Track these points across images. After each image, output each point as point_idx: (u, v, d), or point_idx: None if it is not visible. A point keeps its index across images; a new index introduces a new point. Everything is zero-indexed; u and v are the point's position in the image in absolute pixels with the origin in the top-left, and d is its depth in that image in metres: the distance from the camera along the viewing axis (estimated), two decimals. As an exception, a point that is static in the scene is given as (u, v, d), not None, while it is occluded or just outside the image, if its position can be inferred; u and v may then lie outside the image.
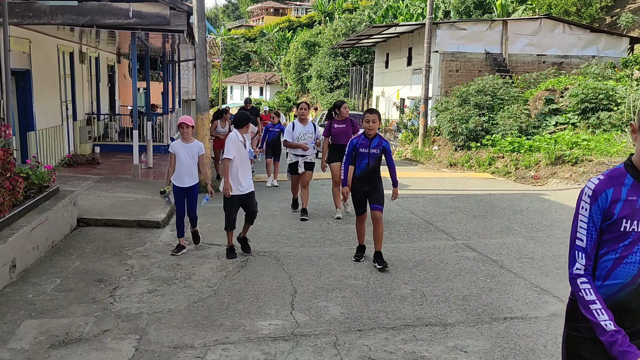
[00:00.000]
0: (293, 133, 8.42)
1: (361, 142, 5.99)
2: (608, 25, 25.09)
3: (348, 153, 6.10)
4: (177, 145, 6.41)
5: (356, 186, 6.09)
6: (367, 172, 6.00)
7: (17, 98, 10.49)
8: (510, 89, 17.58)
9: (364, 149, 5.97)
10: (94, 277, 5.52)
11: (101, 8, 9.46)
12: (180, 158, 6.33)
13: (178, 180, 6.40)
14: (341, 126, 8.21)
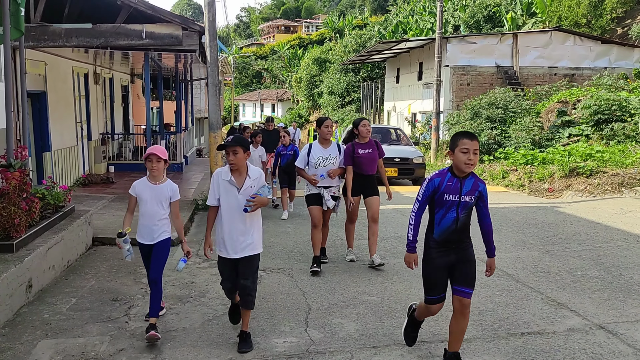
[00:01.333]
0: (309, 158, 6.51)
1: (447, 183, 3.82)
2: (619, 36, 24.99)
3: (423, 198, 3.90)
4: (142, 185, 4.66)
5: (435, 255, 3.96)
6: (454, 232, 3.90)
7: (33, 119, 10.66)
8: (522, 102, 17.53)
9: (452, 195, 3.81)
10: (109, 296, 5.54)
11: (115, 30, 9.63)
12: (145, 204, 4.64)
13: (141, 235, 4.74)
14: (366, 151, 6.54)
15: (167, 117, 19.62)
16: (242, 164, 4.28)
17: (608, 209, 10.17)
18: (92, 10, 10.40)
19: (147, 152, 4.60)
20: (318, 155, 6.48)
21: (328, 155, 6.52)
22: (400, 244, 7.79)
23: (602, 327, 4.76)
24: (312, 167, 6.50)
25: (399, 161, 14.49)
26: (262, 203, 4.27)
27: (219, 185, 4.33)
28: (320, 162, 6.47)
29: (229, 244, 4.34)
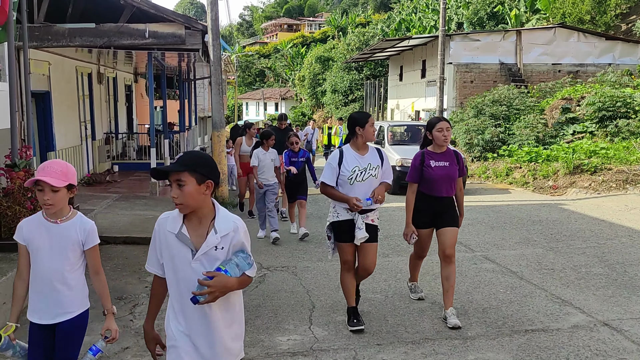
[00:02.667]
0: (341, 170, 4.53)
1: None
2: (623, 32, 24.88)
3: None
4: (33, 226, 2.91)
5: None
6: None
7: (38, 119, 10.70)
8: (526, 99, 17.48)
9: None
10: (113, 295, 5.56)
11: (118, 29, 9.64)
12: (40, 256, 2.89)
13: (34, 310, 3.01)
14: (442, 164, 4.81)
15: (170, 116, 19.65)
16: (195, 203, 2.31)
17: (612, 206, 10.14)
18: (95, 9, 10.41)
19: (37, 173, 2.79)
20: (353, 166, 4.51)
21: (367, 165, 4.53)
22: (403, 241, 7.78)
23: (607, 324, 4.76)
24: (346, 183, 4.49)
25: None
26: (224, 288, 2.29)
27: (161, 243, 2.43)
28: (358, 175, 4.50)
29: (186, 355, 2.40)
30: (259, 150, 8.04)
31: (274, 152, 8.07)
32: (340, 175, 4.51)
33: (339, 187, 4.54)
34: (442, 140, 4.79)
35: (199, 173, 2.28)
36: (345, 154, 4.58)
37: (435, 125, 4.83)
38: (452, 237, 4.82)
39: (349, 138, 4.65)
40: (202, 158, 2.36)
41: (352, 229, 4.48)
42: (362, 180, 4.49)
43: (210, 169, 2.34)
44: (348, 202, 4.42)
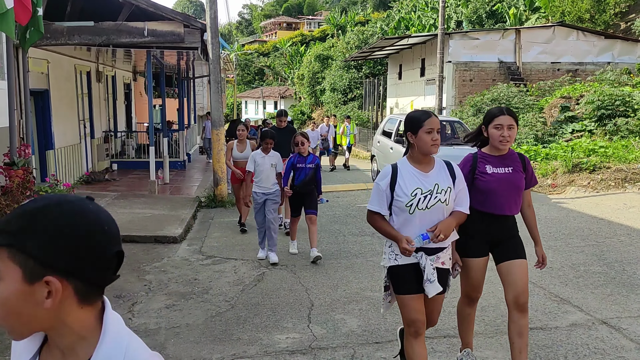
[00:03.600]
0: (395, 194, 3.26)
1: None
2: (623, 31, 24.89)
3: None
4: None
5: None
6: None
7: (36, 117, 10.69)
8: (525, 98, 17.50)
9: None
10: (112, 293, 5.57)
11: (117, 27, 9.64)
12: None
13: None
14: (502, 170, 3.59)
15: (169, 115, 19.64)
16: (27, 323, 1.06)
17: (611, 204, 10.15)
18: (94, 8, 10.41)
19: None
20: (414, 188, 3.19)
21: (433, 187, 3.21)
22: (402, 240, 7.80)
23: (605, 322, 4.76)
24: (403, 212, 3.21)
25: None
26: None
27: None
28: (420, 200, 3.18)
29: None
30: (257, 153, 6.78)
31: (276, 156, 6.78)
32: (395, 200, 3.18)
33: (394, 217, 3.23)
34: (498, 140, 3.47)
35: (28, 255, 1.02)
36: (402, 170, 3.22)
37: (493, 119, 3.48)
38: (524, 276, 3.67)
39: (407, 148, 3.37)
40: (46, 219, 1.04)
41: (419, 276, 3.20)
42: (427, 208, 3.14)
43: (60, 241, 1.03)
44: (397, 242, 3.15)
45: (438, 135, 3.17)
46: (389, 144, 12.67)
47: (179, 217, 8.91)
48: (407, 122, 3.25)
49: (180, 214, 9.12)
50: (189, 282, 5.95)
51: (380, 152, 13.36)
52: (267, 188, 6.74)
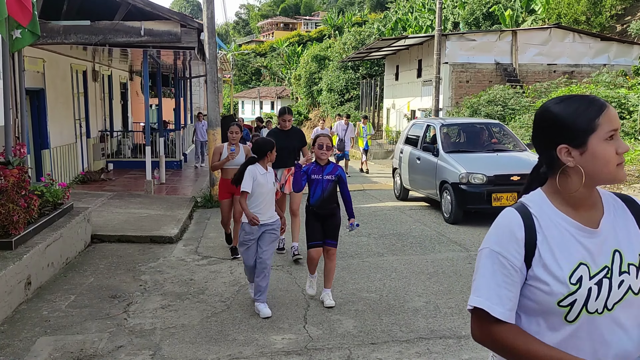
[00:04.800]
0: (533, 275, 1.49)
1: None
2: (618, 33, 24.98)
3: None
4: None
5: None
6: None
7: (32, 117, 10.65)
8: (522, 99, 17.54)
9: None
10: (108, 293, 5.55)
11: (113, 27, 9.61)
12: None
13: None
14: None
15: (166, 115, 19.61)
16: None
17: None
18: (91, 7, 10.38)
19: None
20: (574, 263, 1.50)
21: (612, 258, 1.52)
22: (398, 241, 7.80)
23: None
24: (552, 317, 1.50)
25: (519, 180, 8.38)
26: None
27: None
28: (593, 294, 1.48)
29: None
30: (256, 169, 4.94)
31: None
32: (535, 288, 1.51)
33: (524, 325, 1.56)
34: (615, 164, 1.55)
35: None
36: (543, 221, 1.56)
37: (599, 116, 1.53)
38: None
39: (536, 174, 1.69)
40: None
41: None
42: (606, 309, 1.49)
43: None
44: None
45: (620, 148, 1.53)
46: (415, 153, 10.47)
47: (175, 217, 8.90)
48: (552, 123, 1.56)
49: (176, 214, 9.10)
50: (185, 283, 5.94)
51: (404, 164, 10.98)
52: (267, 218, 4.94)
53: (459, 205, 8.72)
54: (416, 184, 10.50)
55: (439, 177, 9.34)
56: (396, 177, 11.62)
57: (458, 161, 9.09)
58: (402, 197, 11.29)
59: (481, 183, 8.64)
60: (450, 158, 9.28)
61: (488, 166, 8.90)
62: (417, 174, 10.39)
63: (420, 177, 10.26)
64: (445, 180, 9.07)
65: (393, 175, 11.93)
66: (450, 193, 8.82)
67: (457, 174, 8.78)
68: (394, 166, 11.84)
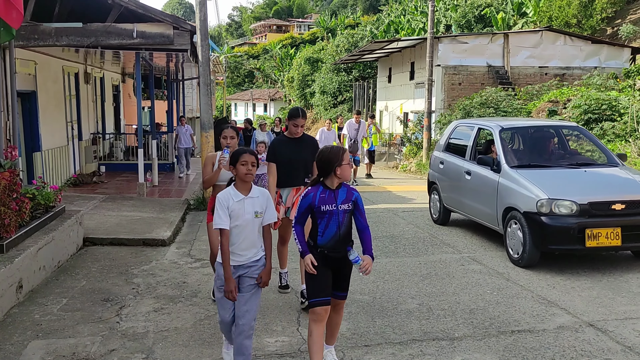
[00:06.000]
0: None
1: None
2: (609, 36, 25.17)
3: None
4: None
5: None
6: None
7: (23, 119, 10.59)
8: (513, 101, 17.62)
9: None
10: (100, 297, 5.52)
11: (105, 29, 9.58)
12: None
13: None
14: None
15: (158, 117, 19.55)
16: None
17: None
18: (83, 9, 10.33)
19: None
20: None
21: None
22: (391, 243, 7.82)
23: (592, 324, 4.81)
24: None
25: (624, 210, 6.32)
26: None
27: None
28: None
29: None
30: (229, 194, 3.68)
31: (263, 196, 3.78)
32: None
33: None
34: None
35: None
36: None
37: None
38: None
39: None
40: None
41: None
42: None
43: None
44: None
45: None
46: (462, 166, 8.24)
47: (168, 219, 8.87)
48: None
49: (169, 217, 9.07)
50: (178, 286, 5.92)
51: (445, 177, 8.85)
52: (244, 257, 3.70)
53: (536, 243, 6.29)
54: (464, 206, 8.16)
55: (503, 201, 6.92)
56: (433, 194, 9.31)
57: (533, 180, 6.64)
58: (443, 221, 8.93)
59: (570, 213, 6.20)
60: (520, 176, 6.82)
61: (578, 189, 6.49)
62: (467, 194, 8.04)
63: (472, 198, 7.88)
64: (513, 207, 6.66)
65: (429, 192, 9.56)
66: (522, 226, 6.42)
67: (534, 199, 6.36)
68: (430, 179, 9.54)
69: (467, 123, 9.06)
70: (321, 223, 3.73)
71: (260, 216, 3.72)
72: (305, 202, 3.73)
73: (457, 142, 8.90)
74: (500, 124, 7.95)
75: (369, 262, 3.73)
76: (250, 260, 3.71)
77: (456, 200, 8.44)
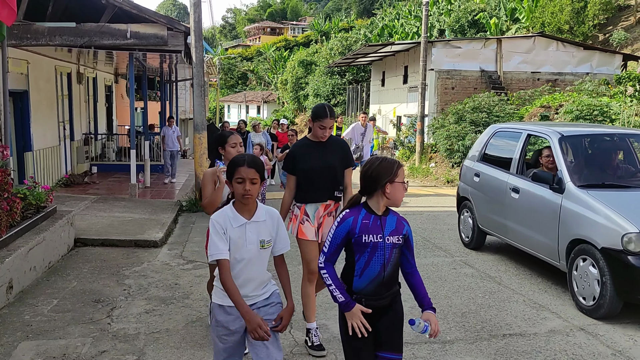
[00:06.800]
0: None
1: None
2: (601, 42, 25.38)
3: None
4: None
5: None
6: None
7: (15, 119, 10.52)
8: (506, 106, 17.71)
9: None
10: (91, 298, 5.49)
11: (99, 29, 9.55)
12: None
13: None
14: None
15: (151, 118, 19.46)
16: None
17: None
18: (76, 9, 10.30)
19: None
20: None
21: None
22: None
23: (583, 329, 4.83)
24: None
25: None
26: None
27: None
28: None
29: None
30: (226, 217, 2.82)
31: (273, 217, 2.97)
32: None
33: None
34: None
35: None
36: None
37: None
38: None
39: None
40: None
41: None
42: None
43: None
44: None
45: None
46: (507, 181, 6.72)
47: (160, 221, 8.83)
48: None
49: (161, 218, 9.04)
50: (170, 287, 5.89)
51: (482, 193, 7.37)
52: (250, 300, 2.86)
53: (620, 291, 4.90)
54: (508, 231, 6.67)
55: (568, 231, 5.53)
56: (464, 213, 7.89)
57: (613, 206, 5.19)
58: (476, 245, 7.54)
59: None
60: (593, 199, 5.36)
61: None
62: (512, 216, 6.55)
63: (520, 222, 6.39)
64: (585, 240, 5.29)
65: (459, 208, 8.17)
66: (599, 266, 5.05)
67: (618, 232, 4.95)
68: (461, 194, 8.05)
69: (512, 128, 7.48)
70: (360, 259, 2.78)
71: (269, 246, 2.90)
72: (342, 230, 2.77)
73: (497, 151, 7.50)
74: (559, 130, 6.37)
75: (435, 321, 2.82)
76: (260, 299, 2.87)
77: (496, 222, 6.94)
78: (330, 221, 4.35)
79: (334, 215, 4.39)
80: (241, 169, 2.74)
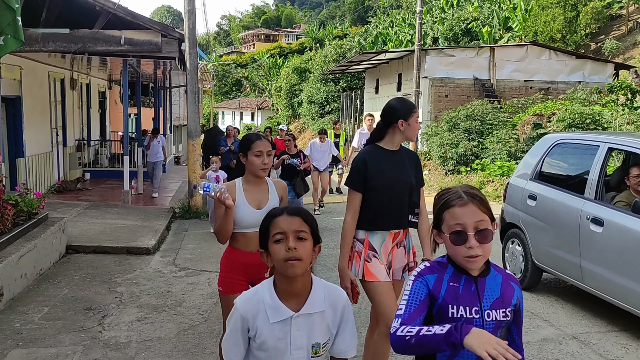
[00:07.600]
0: None
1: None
2: (593, 51, 25.60)
3: None
4: None
5: None
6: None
7: (7, 124, 10.47)
8: (499, 114, 17.81)
9: None
10: (82, 305, 5.45)
11: (93, 35, 9.54)
12: None
13: None
14: None
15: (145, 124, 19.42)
16: None
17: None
18: (70, 15, 10.29)
19: None
20: None
21: None
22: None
23: (575, 337, 4.84)
24: None
25: None
26: None
27: None
28: None
29: None
30: None
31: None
32: None
33: None
34: None
35: None
36: None
37: None
38: None
39: None
40: None
41: None
42: None
43: None
44: None
45: None
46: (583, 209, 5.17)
47: (153, 228, 8.80)
48: None
49: (153, 225, 9.00)
50: (162, 295, 5.86)
51: (541, 222, 5.81)
52: None
53: None
54: (583, 273, 5.15)
55: None
56: (513, 243, 6.35)
57: None
58: (529, 285, 6.01)
59: None
60: None
61: None
62: (590, 255, 5.04)
63: (603, 264, 4.90)
64: None
65: (503, 238, 6.55)
66: None
67: None
68: (508, 220, 6.43)
69: (582, 139, 5.80)
70: None
71: (324, 352, 2.06)
72: (420, 288, 1.89)
73: (561, 168, 6.22)
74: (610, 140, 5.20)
75: None
76: None
77: (563, 261, 5.43)
78: (400, 253, 3.41)
79: (404, 246, 3.44)
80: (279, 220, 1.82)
